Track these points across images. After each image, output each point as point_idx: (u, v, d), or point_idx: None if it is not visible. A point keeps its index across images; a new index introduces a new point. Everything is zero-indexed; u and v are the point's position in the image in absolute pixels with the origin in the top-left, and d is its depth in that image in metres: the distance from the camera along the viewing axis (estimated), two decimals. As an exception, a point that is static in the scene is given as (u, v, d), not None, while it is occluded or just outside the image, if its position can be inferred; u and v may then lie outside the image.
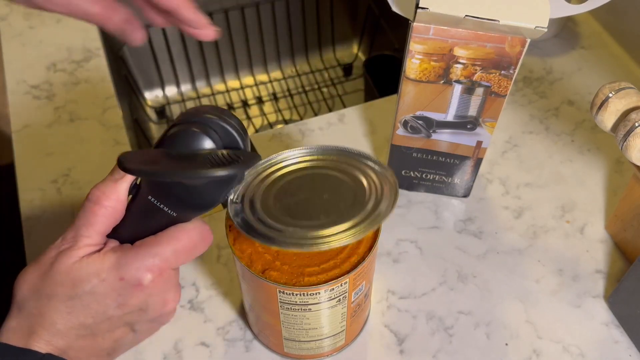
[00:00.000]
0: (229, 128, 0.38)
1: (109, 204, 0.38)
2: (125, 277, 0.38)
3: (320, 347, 0.53)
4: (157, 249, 0.39)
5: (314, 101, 1.08)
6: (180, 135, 0.37)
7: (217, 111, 0.39)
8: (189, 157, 0.37)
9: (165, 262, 0.39)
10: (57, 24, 0.84)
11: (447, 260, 0.61)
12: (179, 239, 0.39)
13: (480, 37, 0.49)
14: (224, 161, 0.37)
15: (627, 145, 0.49)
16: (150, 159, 0.37)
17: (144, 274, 0.38)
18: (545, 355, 0.55)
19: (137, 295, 0.39)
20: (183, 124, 0.38)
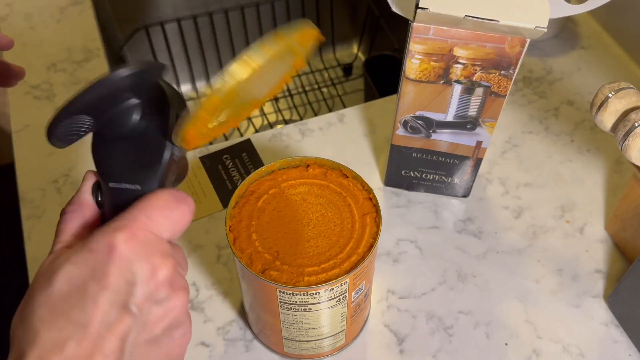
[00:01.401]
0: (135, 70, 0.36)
1: (71, 208, 0.38)
2: (93, 247, 0.33)
3: (320, 347, 0.53)
4: (123, 214, 0.35)
5: (314, 101, 1.08)
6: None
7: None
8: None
9: (135, 222, 0.34)
10: (57, 24, 0.84)
11: (447, 260, 0.61)
12: (145, 201, 0.35)
13: (480, 37, 0.49)
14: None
15: (627, 145, 0.50)
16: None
17: (113, 236, 0.33)
18: (545, 355, 0.55)
19: (114, 262, 0.33)
20: None
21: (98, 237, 0.34)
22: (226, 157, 0.69)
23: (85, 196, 0.39)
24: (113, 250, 0.33)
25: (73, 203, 0.38)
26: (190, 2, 1.01)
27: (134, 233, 0.34)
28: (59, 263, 0.34)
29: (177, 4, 1.00)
